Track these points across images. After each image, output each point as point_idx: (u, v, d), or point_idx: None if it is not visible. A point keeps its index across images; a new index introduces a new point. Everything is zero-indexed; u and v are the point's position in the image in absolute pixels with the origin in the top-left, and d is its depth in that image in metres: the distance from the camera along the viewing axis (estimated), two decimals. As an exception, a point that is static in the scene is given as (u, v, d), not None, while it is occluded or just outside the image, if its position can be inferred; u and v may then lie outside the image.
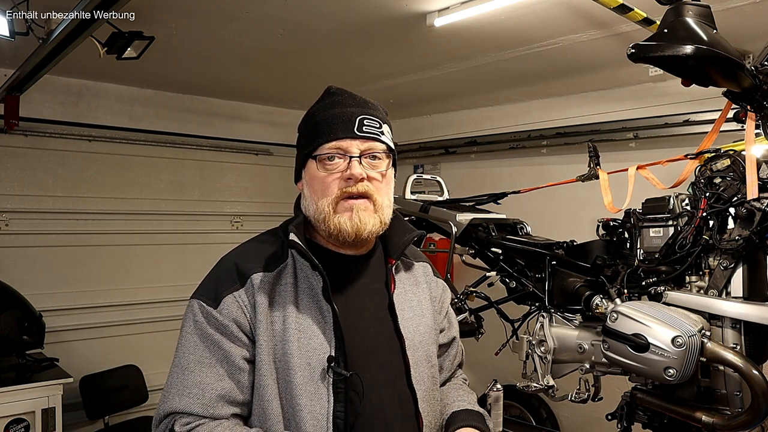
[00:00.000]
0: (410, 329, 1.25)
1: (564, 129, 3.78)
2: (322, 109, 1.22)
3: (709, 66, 1.51)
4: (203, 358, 1.11)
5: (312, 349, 1.13)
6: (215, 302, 1.13)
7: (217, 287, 1.15)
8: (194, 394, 1.09)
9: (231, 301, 1.13)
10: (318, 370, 1.12)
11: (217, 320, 1.12)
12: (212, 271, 1.21)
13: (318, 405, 1.11)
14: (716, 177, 1.85)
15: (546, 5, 2.39)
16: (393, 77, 3.60)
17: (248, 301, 1.13)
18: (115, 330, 3.96)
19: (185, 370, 1.11)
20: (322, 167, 1.17)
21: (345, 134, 1.16)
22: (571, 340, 2.15)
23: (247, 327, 1.13)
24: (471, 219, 2.58)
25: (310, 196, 1.19)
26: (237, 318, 1.13)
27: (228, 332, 1.12)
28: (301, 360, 1.11)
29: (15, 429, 2.89)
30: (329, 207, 1.16)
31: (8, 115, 3.30)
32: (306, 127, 1.23)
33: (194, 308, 1.15)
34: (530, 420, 3.40)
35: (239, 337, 1.13)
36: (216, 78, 3.75)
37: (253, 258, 1.18)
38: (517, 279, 2.44)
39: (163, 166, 4.21)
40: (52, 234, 3.73)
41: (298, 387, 1.10)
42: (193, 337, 1.13)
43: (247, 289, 1.14)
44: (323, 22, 2.67)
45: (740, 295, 1.74)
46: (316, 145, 1.17)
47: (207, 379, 1.10)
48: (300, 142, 1.24)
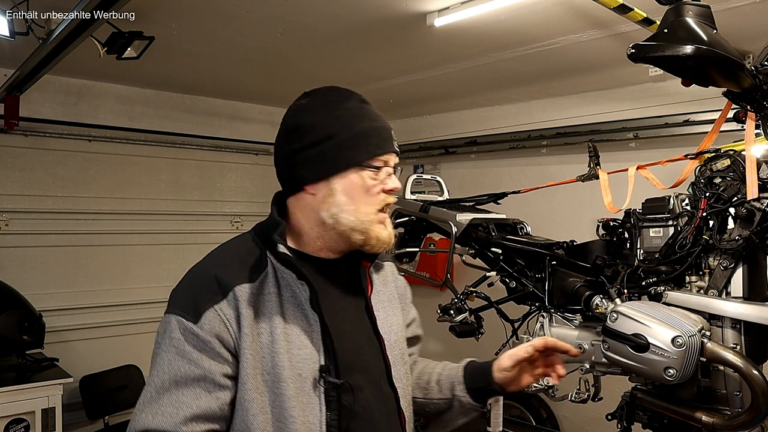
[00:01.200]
0: (386, 330, 1.26)
1: (564, 129, 3.78)
2: (361, 117, 1.19)
3: (709, 66, 1.51)
4: (179, 377, 1.06)
5: (302, 359, 1.11)
6: (195, 317, 1.07)
7: (196, 300, 1.09)
8: (168, 413, 1.04)
9: (213, 315, 1.07)
10: (309, 380, 1.11)
11: (197, 336, 1.06)
12: (187, 282, 1.14)
13: (311, 415, 1.10)
14: (716, 177, 1.85)
15: (546, 5, 2.39)
16: (393, 77, 3.60)
17: (232, 315, 1.09)
18: (115, 330, 3.96)
19: (160, 389, 1.06)
20: (369, 177, 1.16)
21: (390, 148, 1.19)
22: (571, 340, 2.14)
23: (230, 342, 1.08)
24: (471, 219, 2.58)
25: (348, 202, 1.15)
26: (219, 333, 1.07)
27: (208, 348, 1.07)
28: (292, 371, 1.09)
29: (15, 429, 2.89)
30: (372, 216, 1.17)
31: (8, 115, 3.30)
32: (343, 130, 1.16)
33: (171, 324, 1.08)
34: (530, 420, 3.39)
35: (220, 353, 1.07)
36: (216, 78, 3.75)
37: (234, 268, 1.13)
38: (517, 279, 2.44)
39: (163, 166, 4.21)
40: (52, 234, 3.73)
41: (291, 399, 1.08)
42: (169, 355, 1.07)
43: (229, 302, 1.09)
44: (323, 22, 2.67)
45: (740, 295, 1.74)
46: (369, 155, 1.16)
47: (183, 398, 1.05)
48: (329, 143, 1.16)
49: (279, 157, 1.23)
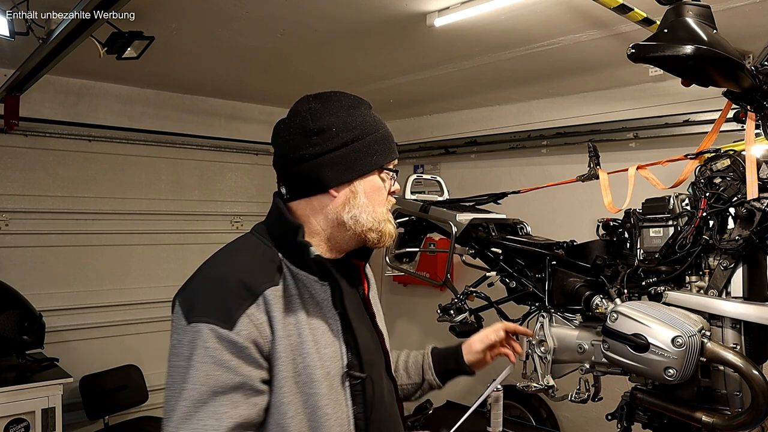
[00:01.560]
0: (380, 324, 1.34)
1: (564, 129, 3.78)
2: (375, 120, 1.24)
3: (709, 66, 1.51)
4: (218, 387, 1.03)
5: (329, 357, 1.14)
6: (230, 324, 1.04)
7: (227, 307, 1.06)
8: (210, 426, 1.01)
9: (246, 321, 1.06)
10: (337, 378, 1.15)
11: (235, 343, 1.04)
12: (211, 289, 1.11)
13: (340, 411, 1.14)
14: (716, 177, 1.85)
15: (546, 5, 2.39)
16: (393, 77, 3.60)
17: (264, 319, 1.08)
18: (115, 330, 3.96)
19: (198, 402, 1.03)
20: (384, 179, 1.24)
21: (397, 154, 1.28)
22: (571, 340, 2.15)
23: (264, 347, 1.08)
24: (471, 219, 2.58)
25: (367, 203, 1.21)
26: (255, 338, 1.06)
27: (246, 355, 1.05)
28: (322, 370, 1.12)
29: (15, 429, 2.89)
30: (387, 215, 1.24)
31: (8, 115, 3.30)
32: (367, 134, 1.20)
33: (203, 334, 1.04)
34: (530, 420, 3.40)
35: (256, 359, 1.07)
36: (216, 78, 3.75)
37: (257, 271, 1.13)
38: (517, 279, 2.44)
39: (163, 166, 4.21)
40: (52, 234, 3.73)
41: (324, 397, 1.11)
42: (206, 366, 1.03)
43: (259, 306, 1.08)
44: (323, 23, 2.67)
45: (740, 295, 1.74)
46: (387, 159, 1.24)
47: (222, 408, 1.03)
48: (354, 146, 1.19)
49: (294, 160, 1.21)
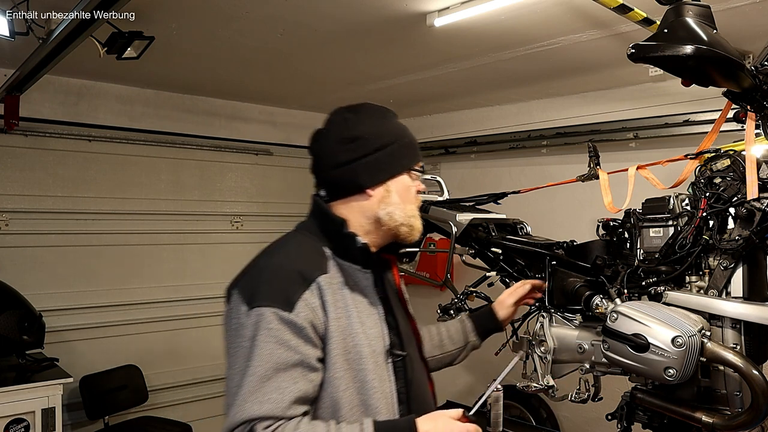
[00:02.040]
0: (413, 311, 1.51)
1: (564, 129, 3.78)
2: (404, 130, 1.43)
3: (709, 66, 1.51)
4: (280, 364, 1.16)
5: (374, 337, 1.29)
6: (289, 307, 1.19)
7: (286, 293, 1.21)
8: (274, 399, 1.14)
9: (303, 305, 1.20)
10: (381, 355, 1.30)
11: (294, 324, 1.18)
12: (267, 278, 1.25)
13: (385, 385, 1.28)
14: (716, 177, 1.84)
15: (546, 5, 2.39)
16: (393, 77, 3.60)
17: (318, 303, 1.23)
18: (115, 330, 3.96)
19: (263, 377, 1.15)
20: (412, 180, 1.42)
21: (421, 157, 1.48)
22: (571, 340, 2.15)
23: (320, 328, 1.22)
24: (471, 219, 2.58)
25: (399, 202, 1.38)
26: (312, 320, 1.21)
27: (304, 335, 1.19)
28: (368, 348, 1.27)
29: (15, 429, 2.89)
30: (416, 212, 1.42)
31: (8, 115, 3.30)
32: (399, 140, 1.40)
33: (266, 316, 1.18)
34: (530, 420, 3.40)
35: (312, 339, 1.20)
36: (216, 78, 3.75)
37: (310, 262, 1.28)
38: (517, 279, 2.44)
39: (163, 166, 4.21)
40: (52, 234, 3.73)
41: (370, 372, 1.25)
42: (269, 345, 1.16)
43: (313, 292, 1.23)
44: (323, 22, 2.67)
45: (740, 295, 1.74)
46: (415, 161, 1.43)
47: (284, 383, 1.15)
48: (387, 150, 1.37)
49: (332, 165, 1.36)
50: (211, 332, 4.39)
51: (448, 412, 1.28)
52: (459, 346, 1.73)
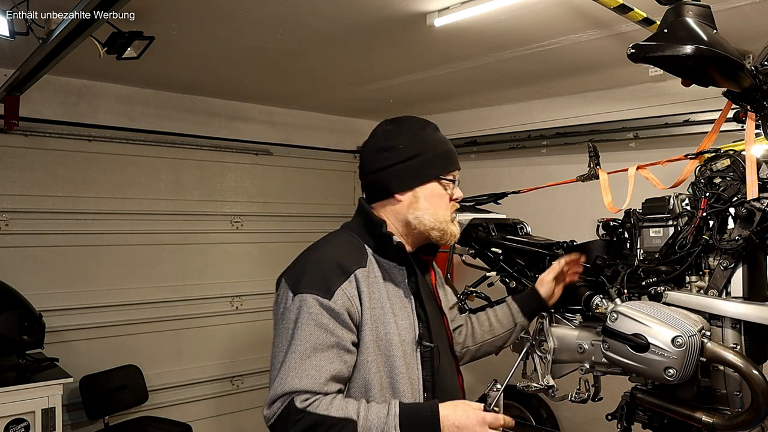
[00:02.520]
0: (445, 308, 1.62)
1: (564, 129, 3.78)
2: (439, 140, 1.56)
3: (709, 66, 1.51)
4: (318, 345, 1.29)
5: (405, 328, 1.41)
6: (328, 294, 1.32)
7: (326, 282, 1.35)
8: (312, 376, 1.27)
9: (341, 293, 1.34)
10: (411, 345, 1.41)
11: (332, 310, 1.32)
12: (313, 269, 1.39)
13: (413, 372, 1.40)
14: (716, 177, 1.84)
15: (546, 5, 2.39)
16: (393, 77, 3.60)
17: (355, 293, 1.36)
18: (115, 330, 3.96)
19: (303, 355, 1.28)
20: (444, 188, 1.52)
21: (457, 166, 1.58)
22: (571, 340, 2.15)
23: (355, 315, 1.35)
24: (471, 219, 2.58)
25: (428, 207, 1.48)
26: (348, 307, 1.34)
27: (341, 320, 1.32)
28: (398, 337, 1.38)
29: (15, 429, 2.89)
30: (449, 218, 1.52)
31: (8, 115, 3.30)
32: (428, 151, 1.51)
33: (308, 302, 1.32)
34: (530, 420, 3.39)
35: (348, 324, 1.33)
36: (216, 78, 3.75)
37: (349, 256, 1.41)
38: (517, 279, 2.44)
39: (163, 166, 4.21)
40: (52, 234, 3.73)
41: (398, 359, 1.37)
42: (309, 327, 1.30)
43: (351, 282, 1.36)
44: (323, 23, 2.67)
45: (740, 295, 1.74)
46: (446, 171, 1.53)
47: (321, 362, 1.29)
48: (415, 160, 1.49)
49: (370, 171, 1.52)
50: (212, 332, 4.39)
51: (469, 402, 1.37)
52: (508, 328, 1.82)
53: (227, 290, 4.46)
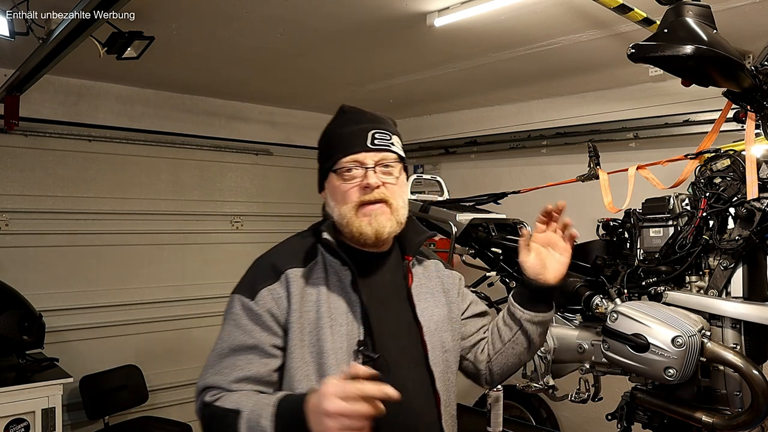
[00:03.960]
0: (426, 318, 1.39)
1: (564, 129, 3.78)
2: (338, 126, 1.37)
3: (709, 66, 1.51)
4: (236, 345, 1.26)
5: (343, 334, 1.27)
6: (252, 295, 1.28)
7: (254, 282, 1.30)
8: (224, 373, 1.24)
9: (266, 294, 1.28)
10: (349, 353, 1.26)
11: (252, 311, 1.27)
12: (250, 269, 1.36)
13: None
14: (716, 177, 1.84)
15: (546, 5, 2.39)
16: (393, 77, 3.60)
17: (283, 294, 1.28)
18: (115, 330, 3.96)
19: (220, 354, 1.27)
20: (340, 179, 1.32)
21: (360, 148, 1.31)
22: (571, 340, 2.15)
23: (280, 317, 1.27)
24: (471, 219, 2.58)
25: (333, 204, 1.35)
26: (271, 309, 1.27)
27: (261, 321, 1.26)
28: (333, 344, 1.26)
29: (15, 429, 2.89)
30: (350, 213, 1.31)
31: (8, 115, 3.30)
32: (324, 143, 1.39)
33: (233, 302, 1.31)
34: (530, 420, 3.39)
35: (271, 327, 1.26)
36: (216, 78, 3.75)
37: (286, 256, 1.34)
38: (517, 279, 2.44)
39: (163, 166, 4.21)
40: (52, 234, 3.73)
41: (331, 368, 1.24)
42: (229, 327, 1.29)
43: (282, 283, 1.29)
44: (323, 22, 2.67)
45: (740, 295, 1.74)
46: (334, 160, 1.32)
47: (239, 362, 1.25)
48: (320, 157, 1.39)
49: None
50: (211, 332, 4.35)
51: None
52: (515, 329, 1.51)
53: (227, 290, 4.37)
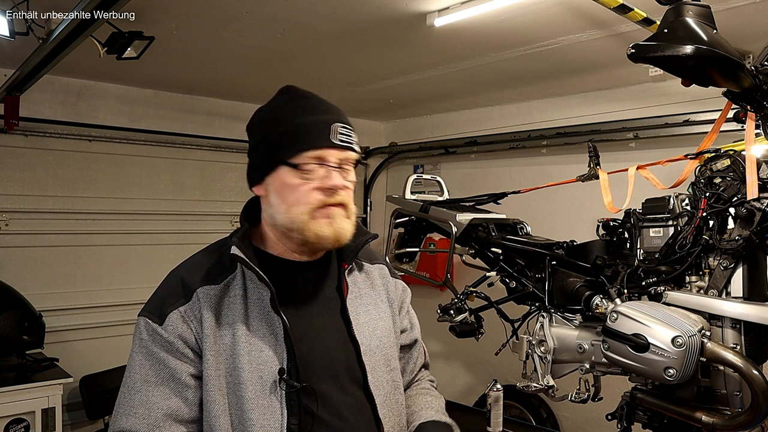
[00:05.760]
0: (366, 334, 1.22)
1: (564, 129, 3.78)
2: (292, 112, 1.16)
3: (709, 66, 1.51)
4: (149, 377, 1.09)
5: (263, 362, 1.10)
6: (160, 319, 1.11)
7: (162, 303, 1.12)
8: (140, 414, 1.07)
9: (176, 317, 1.10)
10: (269, 383, 1.10)
11: (162, 337, 1.10)
12: (159, 286, 1.18)
13: (271, 419, 1.08)
14: (716, 177, 1.85)
15: (546, 5, 2.39)
16: (393, 77, 3.60)
17: (194, 316, 1.10)
18: (115, 330, 3.95)
19: (131, 389, 1.10)
20: (298, 176, 1.12)
21: (324, 143, 1.13)
22: (571, 340, 2.15)
23: (193, 342, 1.10)
24: (471, 219, 2.58)
25: (279, 203, 1.14)
26: (182, 334, 1.10)
27: (173, 349, 1.09)
28: (251, 374, 1.09)
29: (15, 429, 2.89)
30: (306, 215, 1.12)
31: (8, 115, 3.29)
32: (273, 129, 1.15)
33: (140, 326, 1.13)
34: (530, 420, 3.40)
35: (185, 354, 1.10)
36: (216, 78, 3.75)
37: (199, 271, 1.16)
38: (517, 279, 2.44)
39: (163, 166, 4.21)
40: (52, 234, 3.73)
41: (250, 401, 1.08)
42: (139, 356, 1.12)
43: (193, 304, 1.11)
44: (323, 22, 2.67)
45: (740, 295, 1.74)
46: (293, 152, 1.12)
47: (153, 398, 1.08)
48: (264, 144, 1.16)
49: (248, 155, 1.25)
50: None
51: None
52: None
53: (227, 290, 4.45)
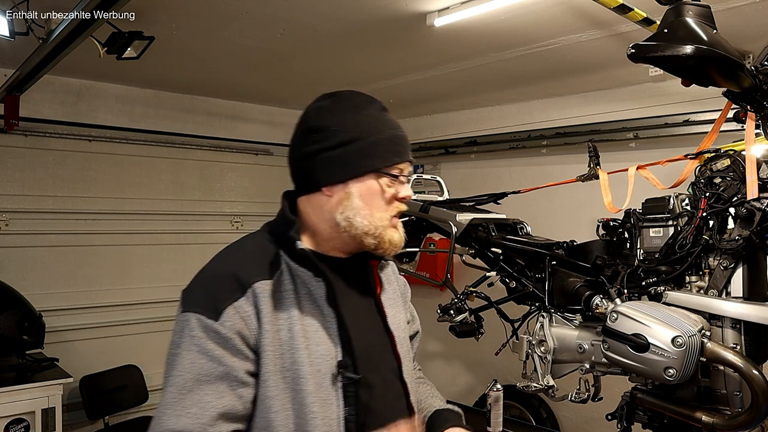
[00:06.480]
0: (395, 326, 1.28)
1: (564, 129, 3.78)
2: (379, 122, 1.20)
3: (709, 66, 1.51)
4: (202, 376, 1.06)
5: (321, 355, 1.12)
6: (216, 314, 1.07)
7: (215, 298, 1.09)
8: (193, 414, 1.04)
9: (233, 312, 1.08)
10: (328, 376, 1.12)
11: (219, 334, 1.07)
12: (203, 281, 1.15)
13: (330, 410, 1.11)
14: (716, 177, 1.85)
15: (546, 5, 2.39)
16: (393, 77, 3.60)
17: (252, 311, 1.09)
18: (115, 330, 3.96)
19: (183, 388, 1.05)
20: (386, 184, 1.18)
21: (407, 157, 1.22)
22: (571, 340, 2.15)
23: (251, 339, 1.09)
24: (471, 219, 2.58)
25: (363, 206, 1.17)
26: (240, 330, 1.08)
27: (230, 346, 1.07)
28: (311, 367, 1.10)
29: (15, 429, 2.89)
30: (387, 221, 1.19)
31: (8, 115, 3.30)
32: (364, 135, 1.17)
33: (190, 323, 1.08)
34: (530, 420, 3.40)
35: (242, 351, 1.08)
36: (216, 78, 3.75)
37: (251, 265, 1.15)
38: (517, 279, 2.44)
39: (163, 166, 4.21)
40: (52, 234, 3.73)
41: (311, 395, 1.09)
42: (191, 354, 1.07)
43: (248, 299, 1.10)
44: (323, 22, 2.67)
45: (740, 295, 1.74)
46: (388, 162, 1.18)
47: (206, 397, 1.05)
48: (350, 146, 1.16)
49: (296, 156, 1.22)
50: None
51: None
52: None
53: (227, 290, 4.45)
